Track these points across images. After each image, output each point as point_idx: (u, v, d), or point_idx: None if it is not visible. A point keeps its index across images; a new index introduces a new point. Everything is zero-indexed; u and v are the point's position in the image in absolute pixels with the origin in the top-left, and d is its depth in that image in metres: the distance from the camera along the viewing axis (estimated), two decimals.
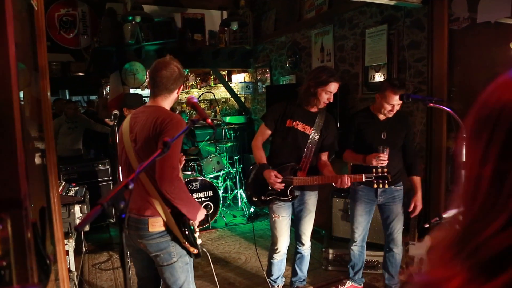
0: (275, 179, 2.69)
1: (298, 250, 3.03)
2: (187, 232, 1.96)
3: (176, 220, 1.94)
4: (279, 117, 2.84)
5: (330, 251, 3.64)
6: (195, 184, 4.74)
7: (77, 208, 3.25)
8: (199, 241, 2.12)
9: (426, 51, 3.48)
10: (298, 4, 5.41)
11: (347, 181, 2.57)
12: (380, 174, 2.57)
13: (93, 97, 10.65)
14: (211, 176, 5.20)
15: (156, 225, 1.96)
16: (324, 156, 2.91)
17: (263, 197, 2.86)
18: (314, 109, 2.81)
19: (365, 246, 3.13)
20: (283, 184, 2.72)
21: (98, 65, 5.83)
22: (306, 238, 2.99)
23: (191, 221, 2.05)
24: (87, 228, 3.37)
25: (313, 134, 2.79)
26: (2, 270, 1.04)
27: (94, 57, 5.71)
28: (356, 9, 4.33)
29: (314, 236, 4.55)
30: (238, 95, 7.15)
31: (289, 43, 5.67)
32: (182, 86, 2.12)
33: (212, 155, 5.32)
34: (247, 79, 7.08)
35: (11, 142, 1.04)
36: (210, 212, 4.85)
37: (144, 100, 5.54)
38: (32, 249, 1.10)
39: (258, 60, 6.65)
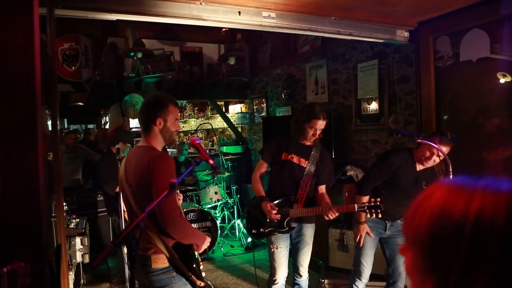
0: (270, 210, 2.78)
1: (296, 281, 3.07)
2: (194, 266, 2.00)
3: (180, 254, 1.99)
4: (275, 151, 2.97)
5: (327, 281, 3.67)
6: (193, 215, 4.79)
7: (77, 240, 3.29)
8: (203, 274, 2.15)
9: (415, 85, 3.65)
10: (293, 38, 5.65)
11: (331, 213, 2.65)
12: (372, 204, 2.64)
13: (90, 126, 10.79)
14: (209, 206, 5.25)
15: (159, 261, 1.99)
16: (322, 189, 3.00)
17: (262, 229, 2.94)
18: (308, 143, 2.93)
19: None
20: (279, 216, 2.80)
21: (99, 97, 5.98)
22: (304, 269, 3.04)
23: (195, 252, 2.10)
24: (86, 259, 3.40)
25: (309, 167, 2.90)
26: None
27: (95, 89, 5.87)
28: (348, 45, 4.55)
29: (311, 266, 4.56)
30: (235, 125, 7.29)
31: (285, 76, 5.88)
32: (161, 119, 2.01)
33: (210, 185, 5.39)
34: (243, 110, 7.26)
35: (35, 186, 1.14)
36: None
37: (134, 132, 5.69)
38: (49, 286, 1.18)
39: (254, 91, 6.85)
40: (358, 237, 2.87)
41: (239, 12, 2.63)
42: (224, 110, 7.66)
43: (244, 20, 2.66)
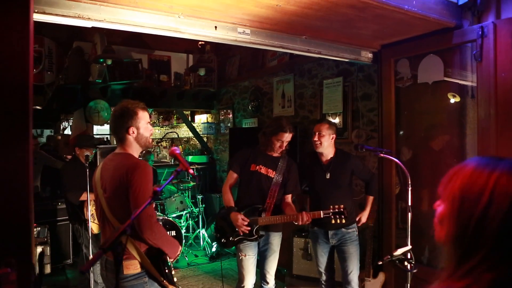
0: (242, 222, 2.87)
1: None
2: (167, 271, 2.04)
3: (153, 260, 2.02)
4: (244, 162, 3.08)
5: None
6: None
7: (39, 249, 3.18)
8: (175, 279, 2.18)
9: (376, 103, 3.89)
10: (261, 53, 5.81)
11: (305, 217, 2.79)
12: (336, 210, 2.82)
13: (46, 131, 10.33)
14: (174, 215, 5.22)
15: (131, 267, 2.00)
16: (288, 198, 3.13)
17: (231, 238, 3.01)
18: (276, 154, 3.07)
19: (335, 284, 3.23)
20: (249, 228, 2.90)
21: (61, 101, 5.80)
22: (271, 276, 3.13)
23: (169, 259, 2.14)
24: (48, 270, 3.28)
25: (276, 177, 3.03)
26: None
27: (58, 93, 5.69)
28: (315, 62, 4.76)
29: (275, 275, 4.67)
30: (201, 135, 7.31)
31: (252, 88, 6.01)
32: (133, 127, 2.07)
33: (176, 194, 5.37)
34: (209, 120, 7.30)
35: (24, 189, 1.16)
36: None
37: (96, 139, 5.59)
38: None
39: (221, 102, 6.93)
40: None
41: (215, 27, 2.71)
42: (190, 120, 7.66)
43: (220, 35, 2.75)
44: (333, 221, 2.83)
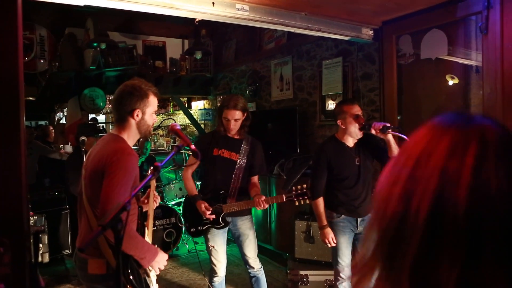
0: (205, 211, 2.78)
1: (251, 274, 3.05)
2: (131, 277, 1.71)
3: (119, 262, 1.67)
4: (206, 147, 2.92)
5: (295, 273, 3.74)
6: (158, 211, 4.69)
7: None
8: (155, 287, 1.92)
9: (377, 82, 3.81)
10: (258, 35, 5.69)
11: (262, 203, 2.70)
12: (299, 192, 2.71)
13: (41, 123, 10.19)
14: (173, 202, 5.17)
15: (95, 267, 1.74)
16: (254, 179, 3.01)
17: (199, 227, 2.95)
18: (237, 136, 2.92)
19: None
20: (213, 216, 2.81)
21: (55, 90, 5.69)
22: (253, 260, 3.02)
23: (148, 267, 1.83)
24: (46, 259, 3.23)
25: (240, 160, 2.90)
26: None
27: (51, 82, 5.57)
28: (313, 42, 4.66)
29: (277, 259, 4.64)
30: (198, 121, 7.22)
31: (249, 72, 5.90)
32: (139, 110, 1.84)
33: (174, 181, 5.31)
34: (207, 106, 7.20)
35: (18, 177, 1.08)
36: (173, 239, 4.81)
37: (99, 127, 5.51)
38: (28, 273, 1.12)
39: (218, 87, 6.82)
40: (327, 241, 2.84)
41: (213, 3, 2.61)
42: (186, 106, 7.56)
43: (217, 11, 2.65)
44: (296, 203, 2.75)
